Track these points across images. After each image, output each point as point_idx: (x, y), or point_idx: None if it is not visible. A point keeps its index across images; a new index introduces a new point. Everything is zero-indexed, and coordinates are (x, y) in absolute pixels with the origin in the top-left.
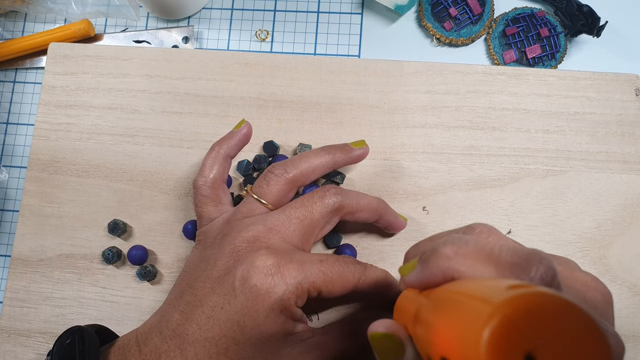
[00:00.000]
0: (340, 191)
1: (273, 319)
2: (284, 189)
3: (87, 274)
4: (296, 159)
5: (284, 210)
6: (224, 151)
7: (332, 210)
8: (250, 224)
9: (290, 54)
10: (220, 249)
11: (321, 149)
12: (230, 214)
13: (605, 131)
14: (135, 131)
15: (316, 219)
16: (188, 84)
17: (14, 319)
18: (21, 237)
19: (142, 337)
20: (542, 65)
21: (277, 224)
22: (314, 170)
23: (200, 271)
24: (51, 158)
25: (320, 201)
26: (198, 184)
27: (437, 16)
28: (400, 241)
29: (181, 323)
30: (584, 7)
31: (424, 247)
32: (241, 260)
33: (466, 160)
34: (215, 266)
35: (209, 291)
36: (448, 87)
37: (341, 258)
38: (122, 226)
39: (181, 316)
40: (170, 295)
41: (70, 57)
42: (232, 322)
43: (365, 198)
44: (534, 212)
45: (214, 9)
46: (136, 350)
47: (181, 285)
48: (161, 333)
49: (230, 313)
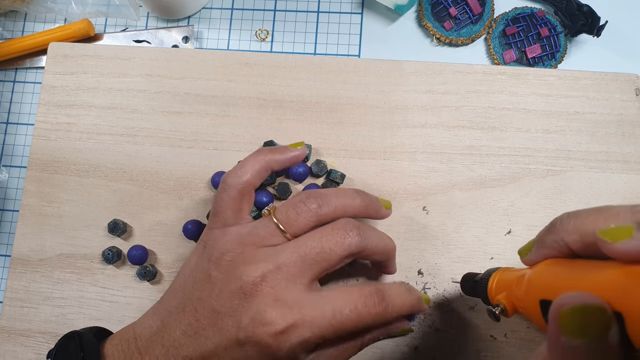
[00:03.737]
0: (362, 233)
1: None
2: (311, 224)
3: (87, 274)
4: (332, 194)
5: (298, 247)
6: (269, 159)
7: (351, 254)
8: (261, 260)
9: (290, 53)
10: (227, 278)
11: (354, 192)
12: (246, 233)
13: (605, 131)
14: (135, 131)
15: (333, 262)
16: (188, 83)
17: (14, 319)
18: (21, 237)
19: (142, 343)
20: (542, 65)
21: (289, 263)
22: (346, 212)
23: (205, 293)
24: (51, 158)
25: (341, 244)
26: (229, 182)
27: (437, 16)
28: (401, 241)
29: (185, 344)
30: (584, 7)
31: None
32: (247, 307)
33: (466, 160)
34: (219, 298)
35: (212, 325)
36: (448, 87)
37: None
38: (122, 226)
39: (184, 337)
40: (170, 301)
41: (70, 56)
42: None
43: (382, 240)
44: (534, 212)
45: (214, 8)
46: (138, 357)
47: (182, 295)
48: (164, 346)
49: (234, 355)
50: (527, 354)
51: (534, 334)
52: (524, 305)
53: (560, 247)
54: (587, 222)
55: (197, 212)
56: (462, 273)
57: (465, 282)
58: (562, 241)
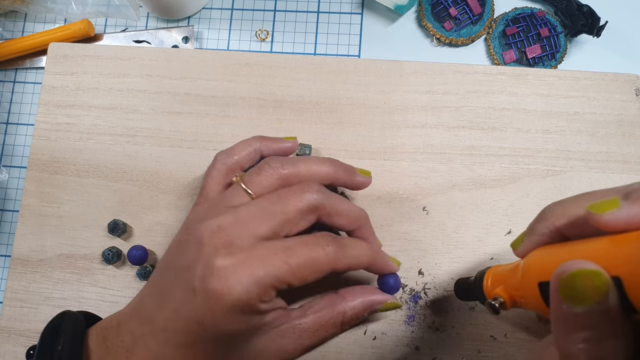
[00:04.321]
0: (322, 190)
1: (233, 318)
2: (275, 183)
3: (87, 274)
4: (297, 159)
5: (259, 201)
6: (260, 145)
7: (310, 208)
8: (221, 214)
9: (290, 54)
10: (191, 237)
11: (326, 159)
12: (215, 200)
13: (605, 131)
14: (135, 131)
15: (291, 215)
16: (188, 84)
17: (14, 319)
18: (21, 237)
19: (123, 318)
20: (542, 65)
21: (247, 215)
22: (311, 176)
23: (173, 256)
24: (51, 158)
25: (298, 195)
26: (218, 160)
27: (437, 16)
28: (401, 241)
29: (154, 310)
30: (584, 7)
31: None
32: (202, 256)
33: (466, 160)
34: (182, 255)
35: (174, 283)
36: (448, 87)
37: (312, 240)
38: (122, 226)
39: (154, 303)
40: (152, 276)
41: (70, 57)
42: (193, 320)
43: (346, 203)
44: (534, 212)
45: (214, 9)
46: (115, 332)
47: (160, 265)
48: (139, 317)
49: (191, 311)
50: (527, 354)
51: (534, 334)
52: (522, 294)
53: (551, 233)
54: (574, 206)
55: None
56: (462, 273)
57: (460, 286)
58: (552, 226)
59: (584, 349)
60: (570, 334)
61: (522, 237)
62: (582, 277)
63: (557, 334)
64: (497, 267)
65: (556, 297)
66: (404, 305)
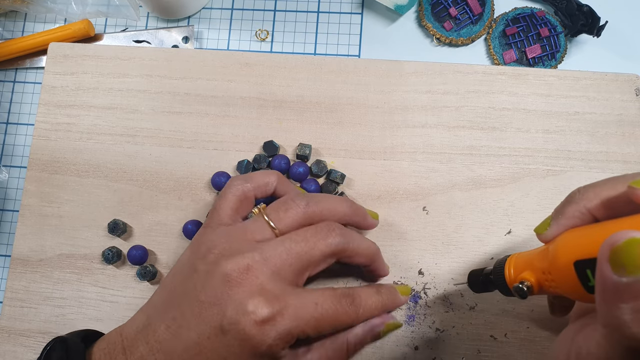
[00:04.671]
0: (345, 233)
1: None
2: (298, 221)
3: (87, 274)
4: (321, 197)
5: (284, 241)
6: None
7: (334, 252)
8: (247, 251)
9: (290, 54)
10: (213, 270)
11: (345, 199)
12: (235, 229)
13: (605, 131)
14: (135, 131)
15: (316, 258)
16: (188, 84)
17: (14, 319)
18: (21, 237)
19: (128, 342)
20: (542, 65)
21: (274, 255)
22: (333, 215)
23: (190, 286)
24: (51, 158)
25: (323, 240)
26: (235, 182)
27: (437, 16)
28: (401, 241)
29: (168, 339)
30: (584, 7)
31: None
32: (231, 296)
33: (466, 160)
34: (204, 289)
35: (196, 316)
36: (448, 87)
37: (338, 296)
38: (122, 226)
39: (168, 332)
40: (157, 297)
41: (70, 57)
42: (217, 355)
43: (365, 242)
44: (534, 212)
45: (214, 9)
46: (122, 358)
47: (169, 290)
48: (148, 343)
49: (217, 346)
50: (527, 354)
51: (534, 334)
52: (554, 277)
53: (582, 216)
54: (606, 188)
55: (197, 212)
56: (462, 273)
57: (474, 277)
58: (584, 209)
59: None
60: (620, 304)
61: (547, 221)
62: (636, 245)
63: (605, 306)
64: (519, 255)
65: (606, 268)
66: (404, 306)
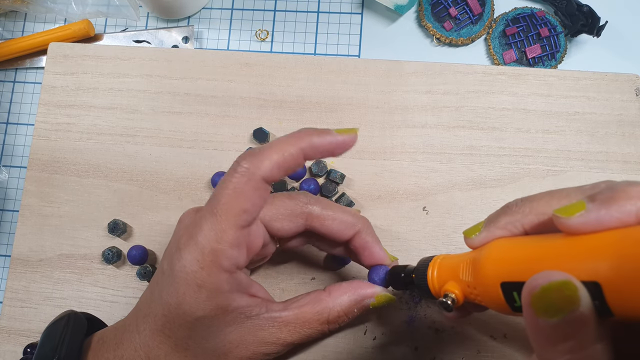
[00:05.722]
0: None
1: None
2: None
3: (87, 274)
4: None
5: None
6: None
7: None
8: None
9: (290, 54)
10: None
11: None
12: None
13: (605, 131)
14: (135, 131)
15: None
16: (188, 84)
17: (14, 319)
18: (21, 237)
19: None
20: (542, 65)
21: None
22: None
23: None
24: (51, 158)
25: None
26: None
27: (437, 16)
28: (401, 241)
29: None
30: (584, 7)
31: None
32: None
33: (466, 160)
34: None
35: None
36: (448, 87)
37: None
38: (122, 226)
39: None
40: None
41: (70, 57)
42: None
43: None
44: None
45: (214, 9)
46: (112, 327)
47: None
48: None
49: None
50: (527, 354)
51: None
52: (479, 292)
53: (514, 228)
54: (542, 204)
55: None
56: None
57: (395, 275)
58: (518, 222)
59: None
60: (552, 347)
61: (478, 227)
62: (554, 290)
63: (539, 348)
64: (444, 259)
65: (531, 313)
66: (404, 306)
